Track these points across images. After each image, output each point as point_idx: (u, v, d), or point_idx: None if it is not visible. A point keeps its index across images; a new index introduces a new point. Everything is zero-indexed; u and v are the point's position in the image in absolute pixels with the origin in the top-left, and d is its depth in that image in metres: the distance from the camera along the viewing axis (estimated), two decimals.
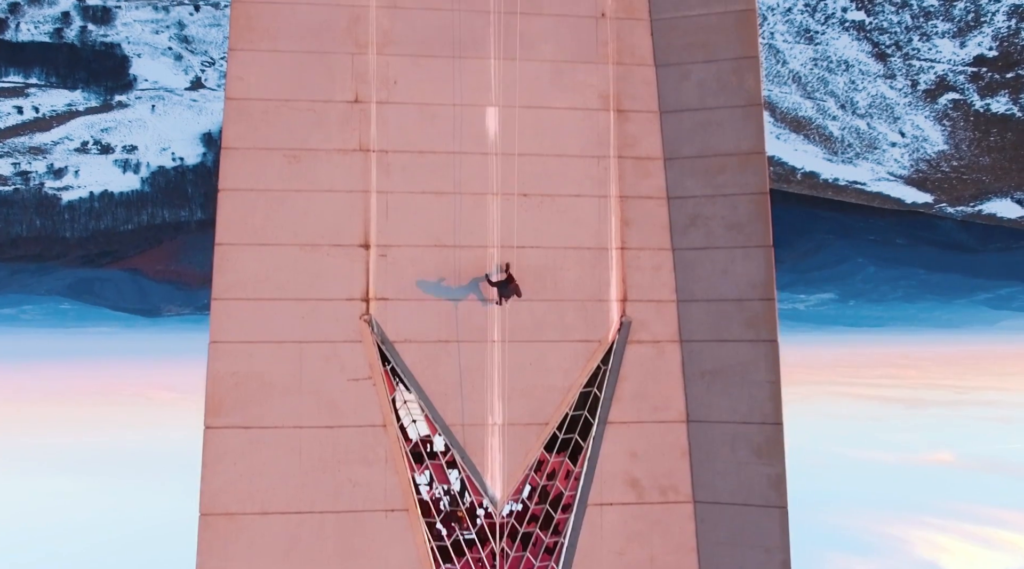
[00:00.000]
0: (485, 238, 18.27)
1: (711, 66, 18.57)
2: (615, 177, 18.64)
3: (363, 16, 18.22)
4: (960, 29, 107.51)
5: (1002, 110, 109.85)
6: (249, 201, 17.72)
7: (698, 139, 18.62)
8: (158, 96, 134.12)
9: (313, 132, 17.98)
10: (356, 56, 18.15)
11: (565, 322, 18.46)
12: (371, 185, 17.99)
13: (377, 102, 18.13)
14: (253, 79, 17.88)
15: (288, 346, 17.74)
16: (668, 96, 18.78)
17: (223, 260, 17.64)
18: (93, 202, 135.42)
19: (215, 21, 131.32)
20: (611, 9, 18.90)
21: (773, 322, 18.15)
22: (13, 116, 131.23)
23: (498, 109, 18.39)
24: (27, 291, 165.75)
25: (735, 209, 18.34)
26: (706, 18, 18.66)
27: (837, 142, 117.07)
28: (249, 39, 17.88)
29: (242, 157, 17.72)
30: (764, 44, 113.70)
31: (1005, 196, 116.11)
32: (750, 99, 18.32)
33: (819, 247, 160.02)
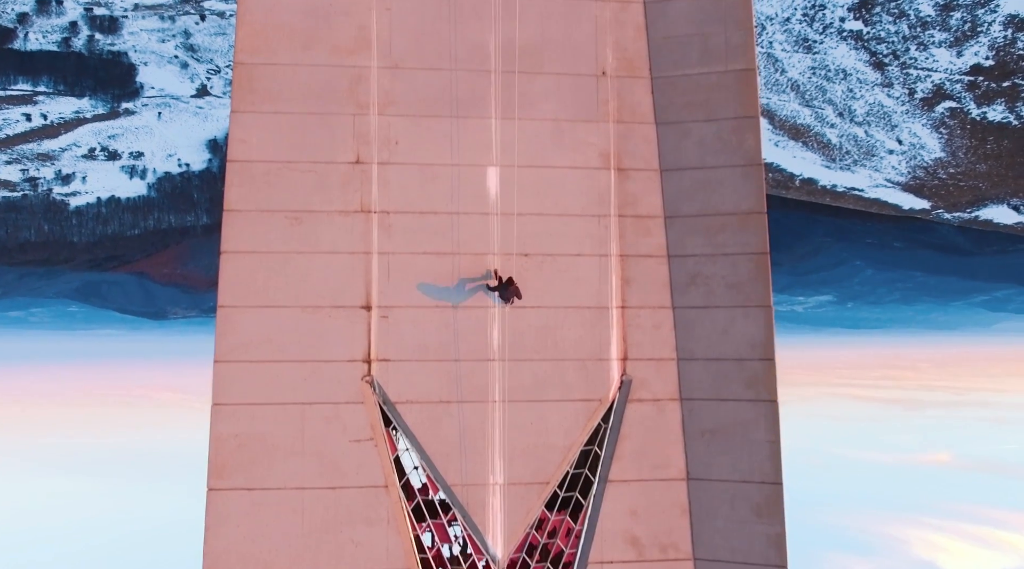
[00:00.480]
0: (486, 299, 18.11)
1: (711, 125, 18.40)
2: (615, 236, 18.47)
3: (365, 77, 18.05)
4: (957, 39, 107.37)
5: (998, 118, 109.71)
6: (251, 263, 17.57)
7: (698, 198, 18.45)
8: (164, 103, 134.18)
9: (315, 194, 17.82)
10: (357, 117, 17.99)
11: (566, 381, 18.31)
12: (372, 246, 17.84)
13: (379, 163, 17.96)
14: (255, 141, 17.71)
15: (290, 408, 17.59)
16: (668, 154, 18.61)
17: (225, 322, 17.48)
18: (100, 207, 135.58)
19: (220, 30, 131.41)
20: (612, 67, 18.72)
21: (773, 382, 18.00)
22: (22, 123, 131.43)
23: (499, 169, 18.22)
24: (35, 294, 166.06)
25: (735, 268, 18.18)
26: (706, 77, 18.49)
27: (835, 149, 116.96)
28: (251, 101, 17.71)
29: (244, 219, 17.56)
30: (763, 53, 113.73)
31: (1002, 202, 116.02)
32: (750, 159, 18.15)
33: (817, 250, 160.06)
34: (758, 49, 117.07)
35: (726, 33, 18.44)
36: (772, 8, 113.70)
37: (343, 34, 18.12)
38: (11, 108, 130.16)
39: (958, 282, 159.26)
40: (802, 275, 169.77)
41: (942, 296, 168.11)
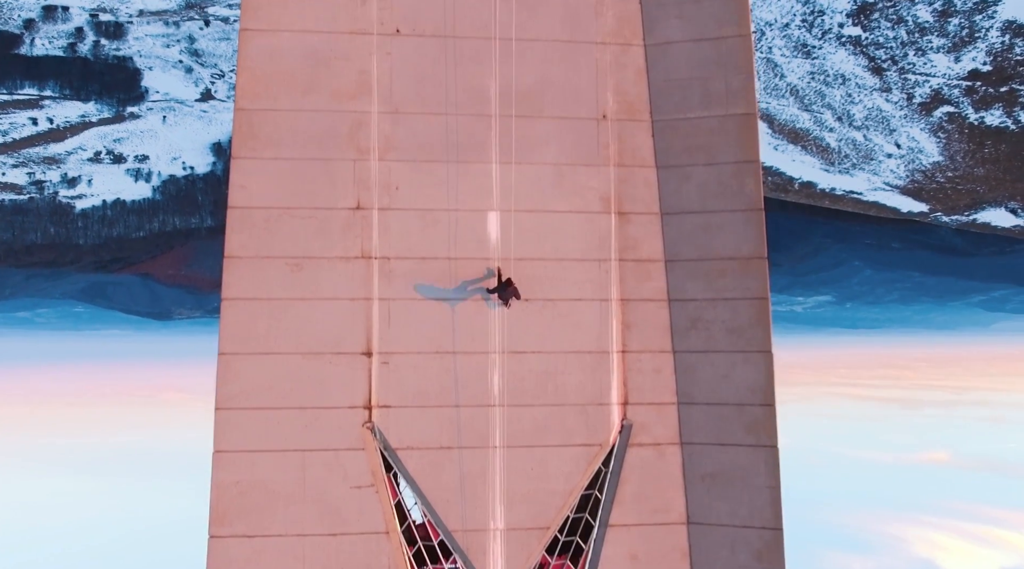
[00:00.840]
0: (487, 344, 17.95)
1: (712, 169, 18.21)
2: (616, 280, 18.30)
3: (365, 122, 17.87)
4: (955, 44, 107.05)
5: (996, 123, 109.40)
6: (252, 310, 17.40)
7: (699, 242, 18.27)
8: (169, 107, 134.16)
9: (315, 239, 17.65)
10: (358, 162, 17.81)
11: (566, 426, 18.14)
12: (373, 292, 17.67)
13: (379, 208, 17.79)
14: (256, 187, 17.54)
15: (291, 454, 17.44)
16: (669, 198, 18.43)
17: (226, 370, 17.32)
18: (106, 210, 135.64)
19: (224, 35, 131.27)
20: (612, 111, 18.53)
21: (773, 428, 17.83)
22: (28, 127, 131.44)
23: (499, 213, 18.04)
24: (42, 295, 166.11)
25: (736, 313, 18.00)
26: (707, 121, 18.30)
27: (834, 153, 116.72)
28: (252, 147, 17.54)
29: (245, 266, 17.39)
30: (762, 58, 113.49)
31: (999, 205, 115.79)
32: (751, 204, 17.96)
33: (816, 251, 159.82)
34: (758, 54, 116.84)
35: (726, 77, 18.25)
36: (771, 14, 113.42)
37: (344, 79, 17.94)
38: (17, 112, 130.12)
39: (956, 282, 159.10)
40: (801, 275, 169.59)
41: (940, 296, 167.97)
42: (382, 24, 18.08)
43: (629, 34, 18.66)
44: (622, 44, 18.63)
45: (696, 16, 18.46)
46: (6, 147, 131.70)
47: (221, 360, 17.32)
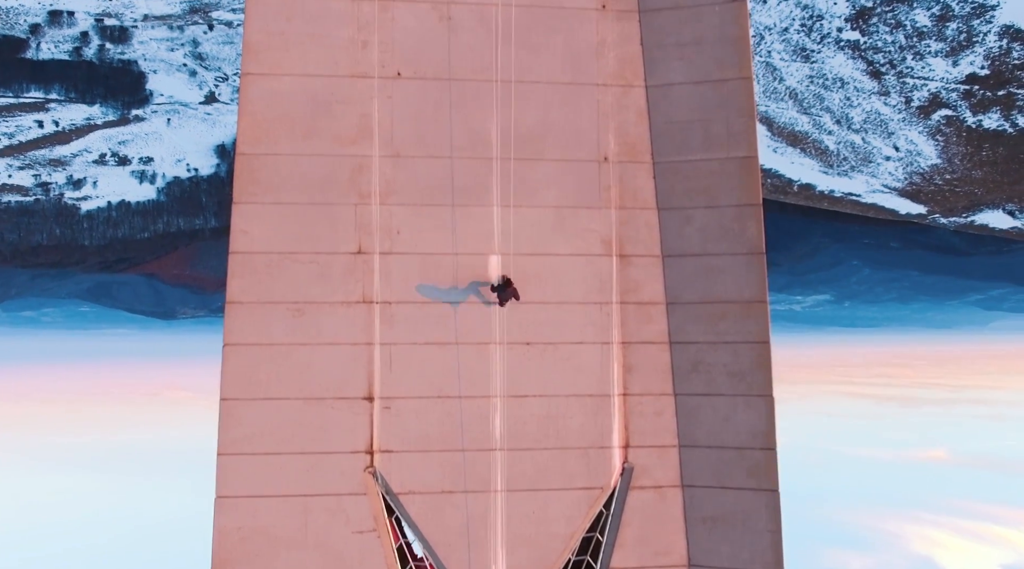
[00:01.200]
0: (488, 388, 17.79)
1: (713, 212, 18.03)
2: (617, 323, 18.13)
3: (366, 166, 17.70)
4: (952, 49, 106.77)
5: (994, 126, 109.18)
6: (254, 355, 17.25)
7: (700, 285, 18.09)
8: (173, 110, 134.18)
9: (317, 284, 17.48)
10: (359, 207, 17.64)
11: (567, 470, 17.99)
12: (374, 337, 17.51)
13: (380, 253, 17.62)
14: (257, 232, 17.38)
15: (293, 500, 17.30)
16: (670, 240, 18.26)
17: (229, 416, 17.17)
18: (111, 211, 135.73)
19: (228, 39, 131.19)
20: (613, 153, 18.35)
21: (774, 472, 17.67)
22: (34, 130, 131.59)
23: (501, 257, 17.87)
24: (48, 295, 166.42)
25: (737, 357, 17.83)
26: (708, 163, 18.12)
27: (833, 156, 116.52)
28: (253, 192, 17.37)
29: (247, 311, 17.23)
30: (761, 62, 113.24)
31: (997, 207, 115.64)
32: (752, 247, 17.78)
33: (815, 250, 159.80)
34: (756, 58, 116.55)
35: (727, 120, 18.07)
36: (770, 18, 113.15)
37: (344, 123, 17.77)
38: (24, 115, 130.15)
39: (954, 282, 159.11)
40: (800, 275, 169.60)
41: (938, 295, 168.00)
42: (383, 67, 17.90)
43: (630, 76, 18.47)
44: (623, 86, 18.45)
45: (697, 58, 18.27)
46: (12, 149, 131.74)
47: (223, 406, 17.17)
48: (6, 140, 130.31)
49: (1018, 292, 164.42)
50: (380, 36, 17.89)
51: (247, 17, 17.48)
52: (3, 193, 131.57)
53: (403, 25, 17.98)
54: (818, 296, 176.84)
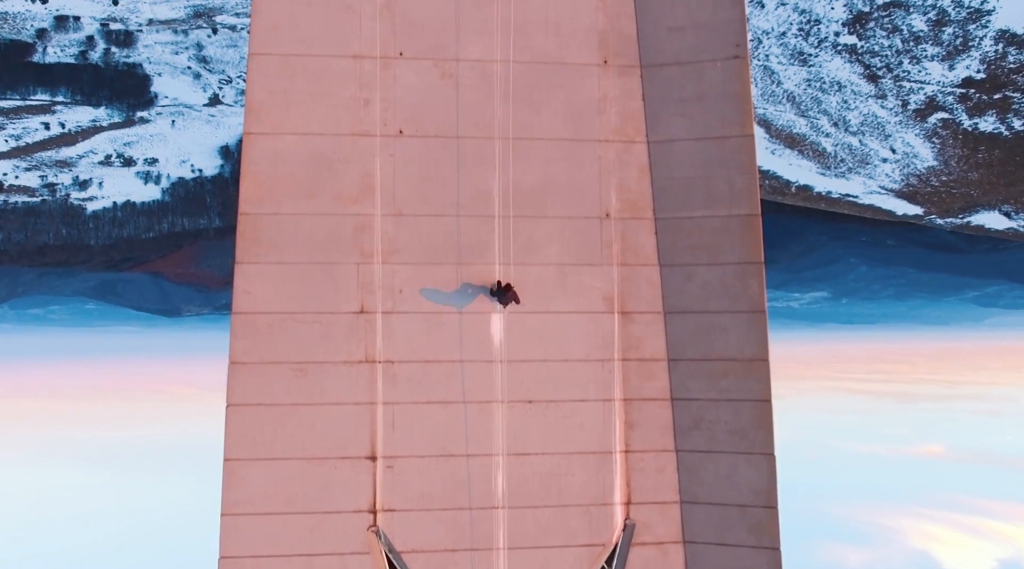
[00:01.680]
0: (491, 447, 17.62)
1: (715, 269, 17.84)
2: (619, 380, 17.95)
3: (368, 225, 17.50)
4: (949, 53, 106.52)
5: (990, 129, 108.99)
6: (257, 416, 17.08)
7: (702, 342, 17.91)
8: (178, 112, 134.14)
9: (319, 344, 17.30)
10: (361, 266, 17.44)
11: (569, 527, 17.83)
12: (377, 397, 17.33)
13: (383, 312, 17.43)
14: (259, 292, 17.19)
15: (297, 560, 17.15)
16: (672, 297, 18.07)
17: (232, 476, 17.01)
18: (116, 212, 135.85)
19: (232, 42, 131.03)
20: (615, 209, 18.15)
21: (775, 530, 17.52)
22: (40, 132, 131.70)
23: (503, 315, 17.69)
24: (54, 292, 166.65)
25: (738, 415, 17.66)
26: (710, 220, 17.92)
27: (830, 157, 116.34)
28: (255, 253, 17.18)
29: (250, 372, 17.05)
30: (759, 66, 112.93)
31: (993, 209, 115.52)
32: (753, 306, 17.59)
33: (812, 248, 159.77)
34: (755, 62, 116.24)
35: (729, 177, 17.86)
36: (768, 23, 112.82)
37: (347, 182, 17.57)
38: (30, 117, 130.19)
39: (950, 278, 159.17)
40: (798, 272, 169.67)
41: (934, 292, 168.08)
42: (385, 125, 17.70)
43: (632, 131, 18.26)
44: (625, 141, 18.24)
45: (699, 114, 18.06)
46: (19, 151, 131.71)
47: (226, 466, 17.01)
48: (13, 142, 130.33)
49: (1014, 289, 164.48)
50: (382, 94, 17.68)
51: (249, 76, 17.27)
52: (10, 194, 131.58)
53: (405, 83, 17.77)
54: (816, 293, 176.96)
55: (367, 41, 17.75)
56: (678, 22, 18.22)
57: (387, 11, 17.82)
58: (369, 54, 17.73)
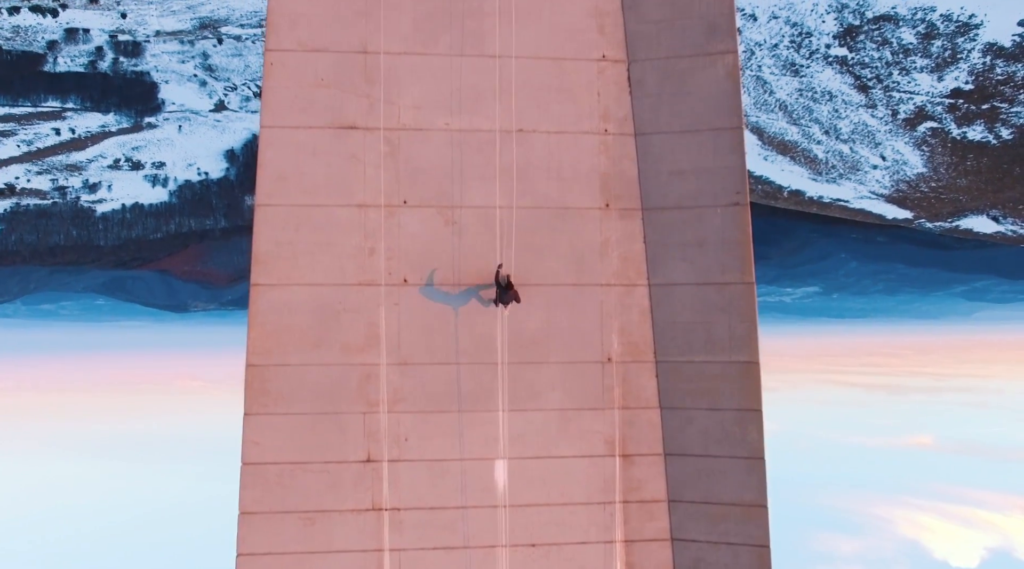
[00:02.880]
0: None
1: (714, 414, 17.67)
2: (620, 522, 17.82)
3: (374, 375, 17.32)
4: (938, 65, 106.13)
5: (978, 138, 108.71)
6: (267, 565, 16.96)
7: (701, 485, 17.76)
8: (184, 117, 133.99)
9: (327, 493, 17.16)
10: (368, 415, 17.29)
11: None
12: (384, 544, 17.20)
13: (389, 461, 17.29)
14: (268, 443, 17.04)
15: None
16: (672, 440, 17.91)
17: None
18: (125, 213, 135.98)
19: (237, 51, 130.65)
20: (617, 353, 17.96)
21: None
22: (51, 137, 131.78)
23: (506, 461, 17.55)
24: (65, 289, 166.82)
25: (737, 559, 17.53)
26: (710, 366, 17.73)
27: (822, 164, 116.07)
28: (263, 403, 17.01)
29: (260, 522, 16.92)
30: (752, 75, 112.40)
31: (981, 213, 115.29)
32: (752, 452, 17.43)
33: (804, 244, 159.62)
34: (748, 72, 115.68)
35: (730, 324, 17.66)
36: (761, 35, 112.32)
37: (353, 332, 17.38)
38: (41, 123, 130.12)
39: (939, 274, 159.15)
40: (790, 268, 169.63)
41: (924, 287, 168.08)
42: (390, 274, 17.50)
43: (634, 274, 18.07)
44: (627, 285, 18.04)
45: (700, 260, 17.85)
46: (30, 156, 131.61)
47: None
48: (25, 147, 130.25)
49: (1001, 284, 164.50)
50: (387, 243, 17.48)
51: (256, 228, 17.06)
52: (22, 197, 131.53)
53: (409, 231, 17.56)
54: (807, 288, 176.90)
55: (372, 190, 17.53)
56: (680, 166, 18.00)
57: (391, 159, 17.60)
58: (374, 202, 17.52)
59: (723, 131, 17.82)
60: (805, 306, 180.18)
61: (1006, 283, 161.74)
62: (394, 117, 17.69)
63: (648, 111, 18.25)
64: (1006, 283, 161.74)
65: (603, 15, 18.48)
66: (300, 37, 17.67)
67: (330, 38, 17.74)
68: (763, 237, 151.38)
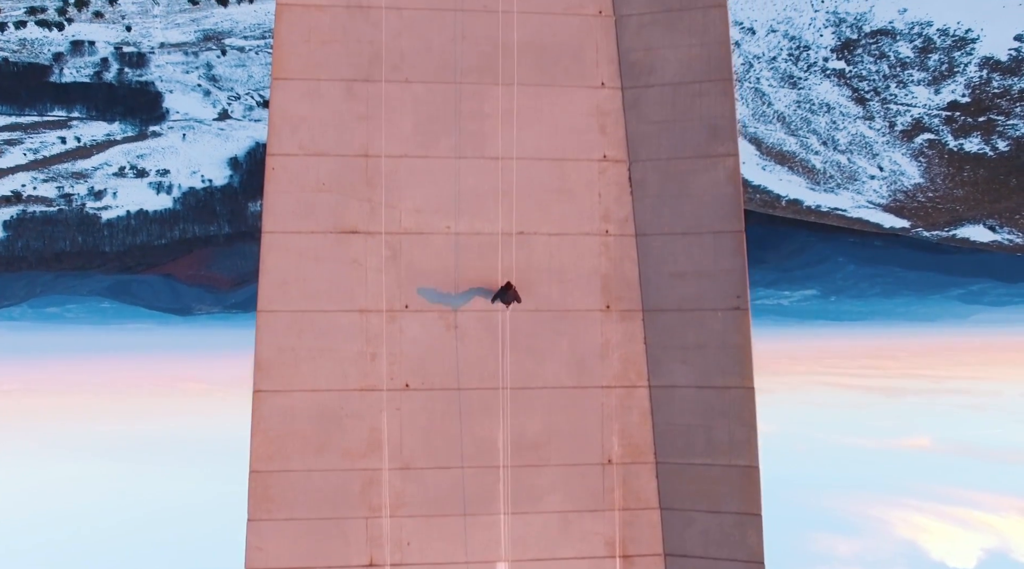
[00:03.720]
0: None
1: (714, 517, 17.57)
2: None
3: (376, 480, 17.23)
4: (935, 78, 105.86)
5: (975, 149, 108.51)
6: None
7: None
8: (188, 126, 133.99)
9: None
10: (370, 520, 17.20)
11: None
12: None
13: (391, 565, 17.19)
14: (272, 548, 16.96)
15: None
16: (672, 541, 17.82)
17: None
18: (130, 220, 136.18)
19: (240, 63, 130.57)
20: (617, 455, 17.87)
21: None
22: (57, 146, 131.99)
23: (508, 564, 17.46)
24: (71, 292, 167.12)
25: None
26: (710, 468, 17.63)
27: (819, 174, 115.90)
28: (267, 509, 16.93)
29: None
30: (750, 88, 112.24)
31: (978, 222, 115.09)
32: (751, 555, 17.34)
33: (802, 248, 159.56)
34: (745, 84, 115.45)
35: (730, 427, 17.55)
36: (759, 48, 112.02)
37: (355, 437, 17.29)
38: (47, 132, 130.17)
39: (935, 277, 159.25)
40: (787, 271, 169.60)
41: (921, 290, 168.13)
42: (392, 379, 17.39)
43: (634, 376, 17.95)
44: (627, 387, 17.93)
45: (700, 363, 17.73)
46: (37, 164, 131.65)
47: None
48: (31, 155, 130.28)
49: (997, 287, 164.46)
50: (388, 348, 17.36)
51: (258, 335, 16.97)
52: (28, 204, 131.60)
53: (411, 336, 17.45)
54: (805, 291, 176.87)
55: (373, 295, 17.42)
56: (680, 268, 17.88)
57: (392, 263, 17.49)
58: (375, 308, 17.41)
59: (724, 234, 17.69)
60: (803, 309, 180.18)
61: (1002, 286, 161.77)
62: (395, 221, 17.57)
63: (649, 212, 18.12)
64: (1002, 286, 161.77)
65: (604, 115, 18.34)
66: (302, 141, 17.54)
67: (331, 142, 17.61)
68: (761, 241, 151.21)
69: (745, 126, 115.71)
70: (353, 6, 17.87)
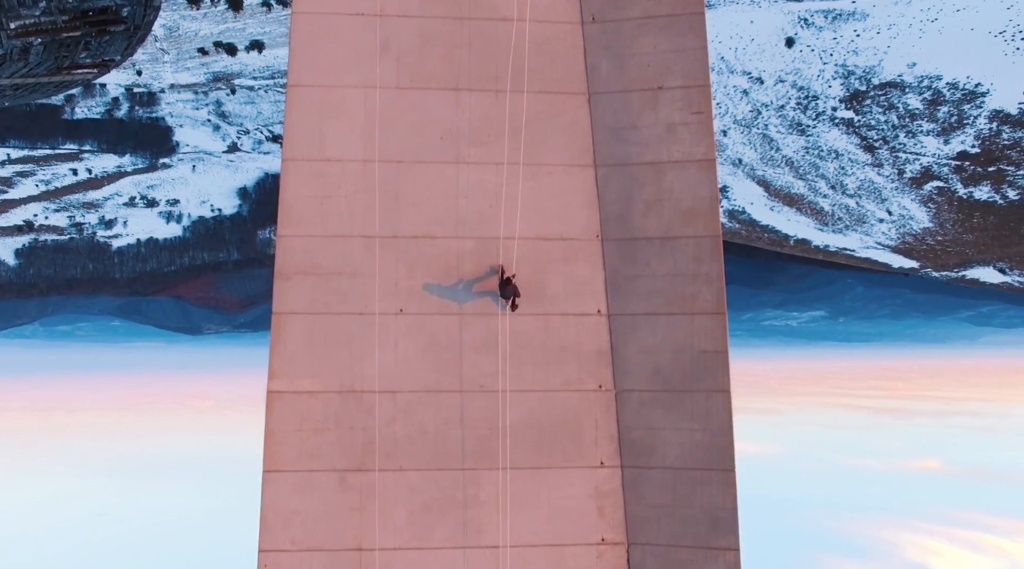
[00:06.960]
0: None
1: None
2: None
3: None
4: (944, 129, 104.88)
5: (985, 197, 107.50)
6: None
7: None
8: (198, 158, 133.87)
9: None
10: None
11: None
12: None
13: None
14: None
15: None
16: None
17: None
18: (140, 248, 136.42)
19: (249, 100, 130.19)
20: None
21: None
22: (69, 177, 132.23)
23: None
24: (82, 311, 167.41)
25: None
26: None
27: (828, 216, 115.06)
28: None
29: None
30: (758, 134, 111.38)
31: (988, 265, 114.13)
32: None
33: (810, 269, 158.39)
34: (753, 130, 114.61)
35: None
36: (767, 97, 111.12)
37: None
38: (59, 165, 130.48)
39: (944, 299, 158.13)
40: (796, 293, 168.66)
41: (930, 311, 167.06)
42: None
43: None
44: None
45: None
46: (48, 194, 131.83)
47: None
48: (43, 186, 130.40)
49: (1007, 309, 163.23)
50: None
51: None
52: (40, 233, 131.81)
53: None
54: (813, 312, 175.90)
55: None
56: None
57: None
58: None
59: None
60: (811, 330, 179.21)
61: (1012, 308, 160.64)
62: None
63: None
64: (1012, 308, 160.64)
65: (603, 496, 17.87)
66: (294, 536, 17.12)
67: (324, 536, 17.20)
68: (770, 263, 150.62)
69: (753, 169, 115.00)
70: (346, 391, 17.43)
